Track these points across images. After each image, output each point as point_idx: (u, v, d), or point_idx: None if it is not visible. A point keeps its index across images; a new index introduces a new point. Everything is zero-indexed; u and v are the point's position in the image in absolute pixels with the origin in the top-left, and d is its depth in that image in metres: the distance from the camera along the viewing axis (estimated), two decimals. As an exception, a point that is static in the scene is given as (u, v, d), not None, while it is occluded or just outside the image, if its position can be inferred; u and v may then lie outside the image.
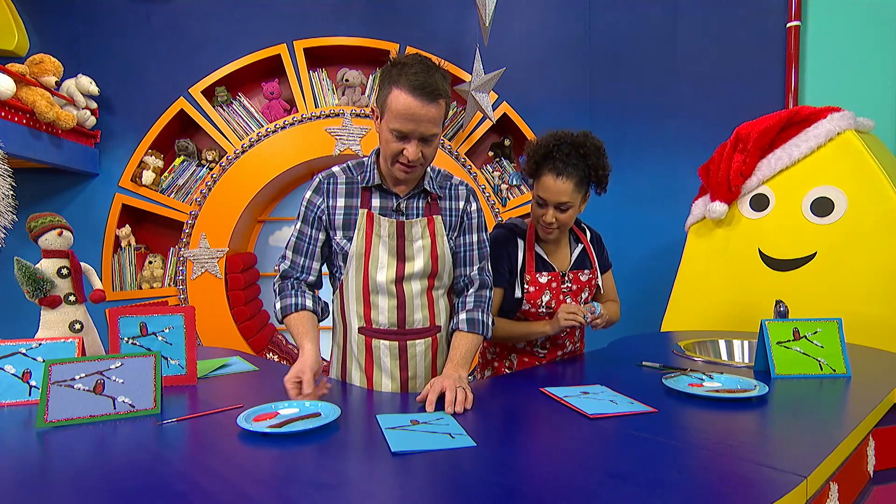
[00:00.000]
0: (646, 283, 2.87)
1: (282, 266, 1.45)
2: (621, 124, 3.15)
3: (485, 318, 1.46)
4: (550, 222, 1.59)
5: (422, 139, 1.28)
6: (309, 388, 1.19)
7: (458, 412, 1.17)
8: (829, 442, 0.99)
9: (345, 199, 1.40)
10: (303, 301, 1.40)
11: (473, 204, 1.50)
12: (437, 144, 1.34)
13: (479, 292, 1.49)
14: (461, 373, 1.34)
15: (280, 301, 1.41)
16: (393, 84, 1.25)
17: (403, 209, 1.41)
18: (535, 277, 1.66)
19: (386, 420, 1.12)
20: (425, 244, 1.41)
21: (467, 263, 1.50)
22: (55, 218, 1.53)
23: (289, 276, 1.44)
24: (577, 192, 1.58)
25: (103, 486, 0.85)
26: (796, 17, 2.85)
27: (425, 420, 1.12)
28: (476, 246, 1.50)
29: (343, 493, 0.82)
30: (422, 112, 1.23)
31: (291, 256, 1.44)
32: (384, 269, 1.39)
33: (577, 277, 1.72)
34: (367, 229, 1.38)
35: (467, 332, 1.43)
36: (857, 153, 2.11)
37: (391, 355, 1.44)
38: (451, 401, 1.19)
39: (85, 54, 3.03)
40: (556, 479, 0.85)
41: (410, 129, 1.25)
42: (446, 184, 1.48)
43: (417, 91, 1.22)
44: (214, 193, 3.08)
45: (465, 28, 3.15)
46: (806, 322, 1.51)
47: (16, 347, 1.32)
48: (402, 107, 1.23)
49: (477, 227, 1.50)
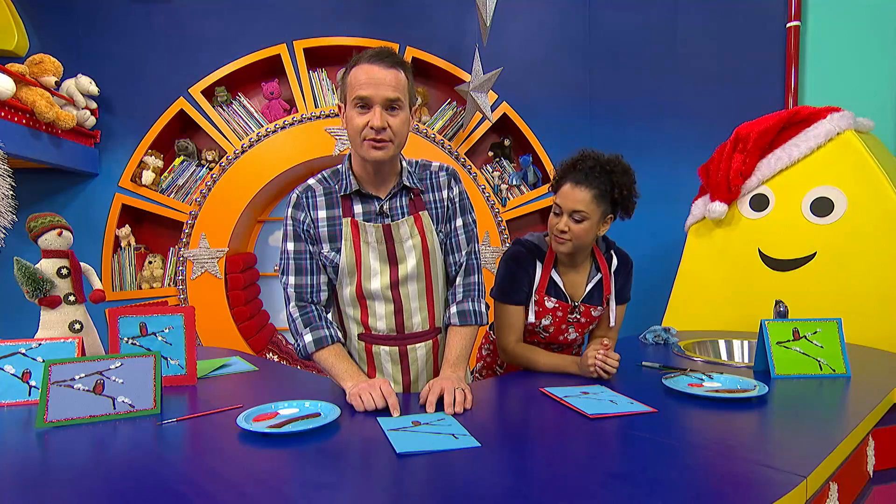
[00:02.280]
0: (646, 283, 2.85)
1: (290, 293, 1.38)
2: (621, 124, 3.15)
3: (476, 307, 1.42)
4: (563, 230, 1.53)
5: (386, 107, 1.25)
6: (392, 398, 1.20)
7: (458, 413, 1.17)
8: (829, 442, 0.99)
9: (325, 210, 1.35)
10: (336, 333, 1.37)
11: (455, 188, 1.44)
12: (406, 119, 1.29)
13: (467, 280, 1.45)
14: (459, 373, 1.33)
15: (310, 333, 1.34)
16: (352, 66, 1.27)
17: (387, 210, 1.36)
18: (543, 300, 1.61)
19: (387, 422, 1.11)
20: (416, 243, 1.37)
21: (455, 249, 1.45)
22: (55, 218, 1.53)
23: (304, 299, 1.38)
24: (595, 204, 1.51)
25: (103, 487, 0.85)
26: (796, 18, 2.85)
27: (427, 421, 1.12)
28: (462, 230, 1.45)
29: (343, 493, 0.82)
30: (380, 75, 1.23)
31: (295, 280, 1.37)
32: (377, 276, 1.36)
33: (589, 311, 1.65)
34: (353, 239, 1.34)
35: (460, 325, 1.40)
36: (856, 153, 2.12)
37: (392, 360, 1.42)
38: (450, 402, 1.19)
39: (85, 54, 3.03)
40: (557, 479, 0.85)
41: (371, 93, 1.23)
42: (426, 174, 1.43)
43: (374, 58, 1.24)
44: (214, 193, 3.08)
45: (465, 28, 3.15)
46: (806, 322, 1.51)
47: (16, 347, 1.32)
48: (362, 74, 1.24)
49: (461, 211, 1.45)
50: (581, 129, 3.18)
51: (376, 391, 1.20)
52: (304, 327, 1.35)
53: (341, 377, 1.31)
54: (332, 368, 1.33)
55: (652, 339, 1.95)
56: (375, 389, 1.20)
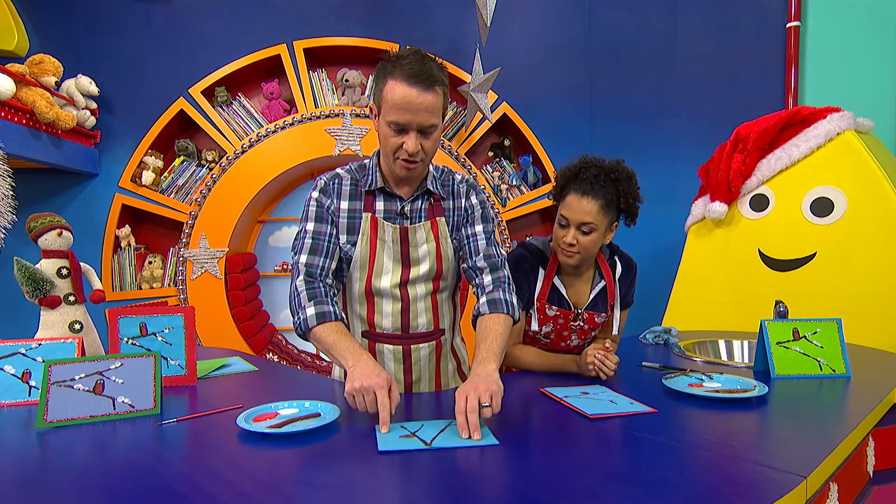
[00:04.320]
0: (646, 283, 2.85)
1: (301, 268, 1.31)
2: (621, 124, 3.15)
3: (508, 297, 1.32)
4: (571, 244, 1.50)
5: (421, 131, 1.24)
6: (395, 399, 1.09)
7: (487, 416, 1.05)
8: (829, 442, 0.99)
9: (349, 201, 1.36)
10: (340, 312, 1.27)
11: (473, 198, 1.44)
12: (438, 138, 1.30)
13: (496, 274, 1.37)
14: (489, 368, 1.15)
15: (314, 306, 1.24)
16: (388, 76, 1.22)
17: (407, 212, 1.38)
18: (543, 307, 1.59)
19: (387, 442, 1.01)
20: (430, 248, 1.38)
21: (472, 254, 1.40)
22: (55, 218, 1.53)
23: (314, 275, 1.30)
24: (603, 215, 1.49)
25: (103, 487, 0.85)
26: (796, 18, 2.86)
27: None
28: (482, 235, 1.41)
29: (343, 493, 0.82)
30: (418, 100, 1.20)
31: (307, 259, 1.31)
32: (388, 274, 1.36)
33: (592, 318, 1.62)
34: (371, 235, 1.35)
35: (490, 313, 1.29)
36: (856, 153, 2.11)
37: (395, 359, 1.42)
38: (463, 424, 1.02)
39: (85, 54, 3.03)
40: (557, 479, 0.85)
41: (407, 119, 1.22)
42: (449, 181, 1.44)
43: (413, 79, 1.19)
44: (214, 193, 3.08)
45: (464, 28, 3.15)
46: (806, 322, 1.51)
47: (15, 347, 1.32)
48: (399, 97, 1.20)
49: (482, 219, 1.43)
50: (581, 129, 3.18)
51: (370, 396, 1.07)
52: (309, 300, 1.25)
53: (342, 355, 1.18)
54: (335, 346, 1.20)
55: (652, 340, 1.95)
56: (370, 395, 1.07)
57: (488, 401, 1.04)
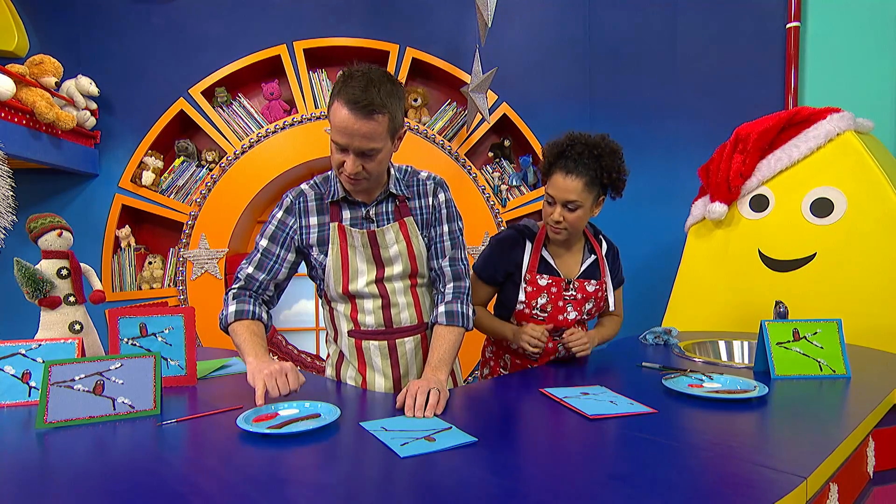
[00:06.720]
0: (646, 283, 2.87)
1: (241, 277, 1.40)
2: (621, 124, 3.15)
3: (464, 310, 1.44)
4: (558, 221, 1.57)
5: (361, 154, 1.25)
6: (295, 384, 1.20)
7: (428, 416, 1.14)
8: (829, 443, 0.99)
9: (317, 216, 1.40)
10: (260, 312, 1.38)
11: (441, 196, 1.48)
12: (384, 159, 1.31)
13: (457, 283, 1.47)
14: (439, 375, 1.31)
15: (235, 304, 1.36)
16: (335, 96, 1.24)
17: (373, 216, 1.41)
18: (535, 278, 1.64)
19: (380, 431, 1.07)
20: (401, 249, 1.41)
21: (438, 256, 1.47)
22: (55, 219, 1.53)
23: (250, 288, 1.40)
24: (587, 191, 1.55)
25: (103, 487, 0.85)
26: (796, 18, 2.86)
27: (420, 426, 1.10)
28: (447, 237, 1.47)
29: (343, 493, 0.82)
30: (355, 127, 1.21)
31: (252, 272, 1.40)
32: (363, 275, 1.40)
33: (584, 287, 1.67)
34: (340, 243, 1.38)
35: (447, 324, 1.41)
36: (856, 154, 2.12)
37: (381, 355, 1.45)
38: (421, 405, 1.16)
39: (85, 54, 3.03)
40: (556, 480, 0.85)
41: (345, 142, 1.24)
42: (413, 181, 1.46)
43: (351, 105, 1.20)
44: (214, 194, 3.08)
45: (464, 28, 3.15)
46: (806, 323, 1.51)
47: (15, 348, 1.32)
48: (339, 120, 1.22)
49: (447, 218, 1.48)
50: (581, 130, 3.16)
51: (282, 379, 1.18)
52: (233, 300, 1.37)
53: (246, 352, 1.28)
54: (244, 343, 1.29)
55: (652, 340, 1.96)
56: (282, 377, 1.18)
57: (436, 396, 1.18)
